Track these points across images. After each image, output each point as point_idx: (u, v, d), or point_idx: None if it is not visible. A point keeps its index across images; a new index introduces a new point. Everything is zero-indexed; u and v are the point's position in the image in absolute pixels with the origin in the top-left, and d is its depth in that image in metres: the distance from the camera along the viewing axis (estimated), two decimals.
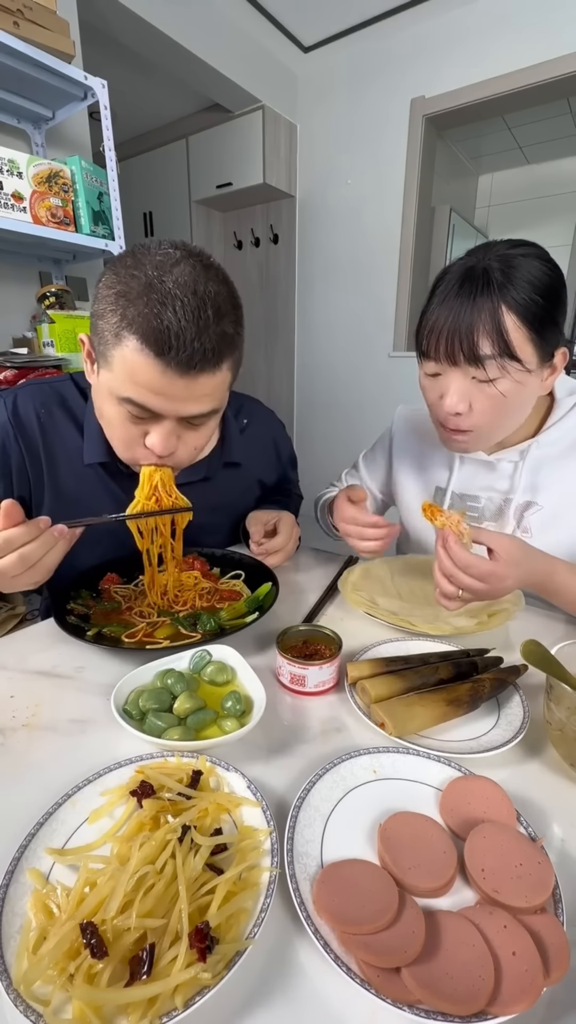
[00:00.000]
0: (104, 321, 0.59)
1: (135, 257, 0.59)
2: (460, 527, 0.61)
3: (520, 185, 3.74)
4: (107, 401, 0.65)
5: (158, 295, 0.56)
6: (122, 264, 0.60)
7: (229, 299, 0.62)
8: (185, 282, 0.57)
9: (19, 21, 1.37)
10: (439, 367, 0.69)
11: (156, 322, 0.56)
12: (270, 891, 0.34)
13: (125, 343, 0.58)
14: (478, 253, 0.67)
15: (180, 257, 0.59)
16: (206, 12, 2.30)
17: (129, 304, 0.57)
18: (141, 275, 0.57)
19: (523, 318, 0.62)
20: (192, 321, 0.57)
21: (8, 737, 0.51)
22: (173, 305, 0.56)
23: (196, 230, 3.28)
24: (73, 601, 0.72)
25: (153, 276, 0.57)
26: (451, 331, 0.64)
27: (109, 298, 0.59)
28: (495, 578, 0.59)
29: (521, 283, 0.62)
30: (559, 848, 0.40)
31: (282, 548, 0.87)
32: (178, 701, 0.52)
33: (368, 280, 2.93)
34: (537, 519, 0.79)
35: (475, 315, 0.63)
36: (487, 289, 0.63)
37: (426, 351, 0.69)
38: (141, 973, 0.29)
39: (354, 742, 0.51)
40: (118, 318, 0.58)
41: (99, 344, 0.62)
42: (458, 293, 0.64)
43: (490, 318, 0.62)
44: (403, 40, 2.51)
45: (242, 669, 0.57)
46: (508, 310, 0.62)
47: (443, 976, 0.30)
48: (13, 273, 1.80)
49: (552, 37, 2.17)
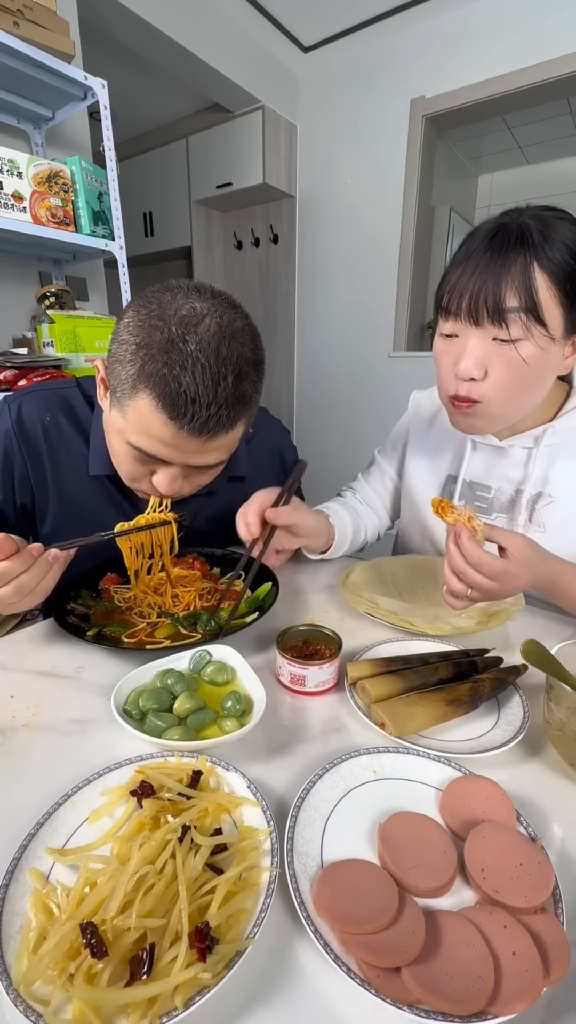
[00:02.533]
0: (121, 367, 0.58)
1: (160, 306, 0.57)
2: (473, 523, 0.59)
3: (520, 185, 3.73)
4: (116, 439, 0.65)
5: (179, 356, 0.55)
6: (146, 310, 0.58)
7: (252, 358, 0.61)
8: (208, 343, 0.56)
9: (19, 21, 1.37)
10: (458, 326, 0.66)
11: (174, 385, 0.55)
12: (270, 891, 0.34)
13: (140, 397, 0.57)
14: (511, 213, 0.65)
15: (206, 312, 0.57)
16: (206, 12, 2.30)
17: (149, 359, 0.56)
18: (164, 330, 0.56)
19: (555, 278, 0.60)
20: (210, 387, 0.56)
21: (8, 737, 0.51)
22: (193, 370, 0.55)
23: (196, 230, 3.28)
24: (73, 601, 0.72)
25: (176, 334, 0.55)
26: (477, 285, 0.61)
27: (129, 345, 0.58)
28: (507, 577, 0.57)
29: (557, 243, 0.60)
30: (559, 848, 0.40)
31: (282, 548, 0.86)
32: (178, 701, 0.52)
33: (368, 280, 2.93)
34: (550, 513, 0.76)
35: (504, 268, 0.60)
36: (520, 243, 0.60)
37: (447, 307, 0.66)
38: (141, 973, 0.29)
39: (354, 742, 0.51)
40: (136, 370, 0.57)
41: (114, 385, 0.61)
42: (488, 247, 0.62)
43: (520, 272, 0.59)
44: (403, 40, 2.51)
45: (242, 669, 0.57)
46: (540, 268, 0.59)
47: (443, 976, 0.30)
48: (13, 273, 1.80)
49: (552, 37, 2.17)
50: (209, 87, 2.60)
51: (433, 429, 0.94)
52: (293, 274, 3.18)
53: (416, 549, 0.98)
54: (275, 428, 1.03)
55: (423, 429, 0.96)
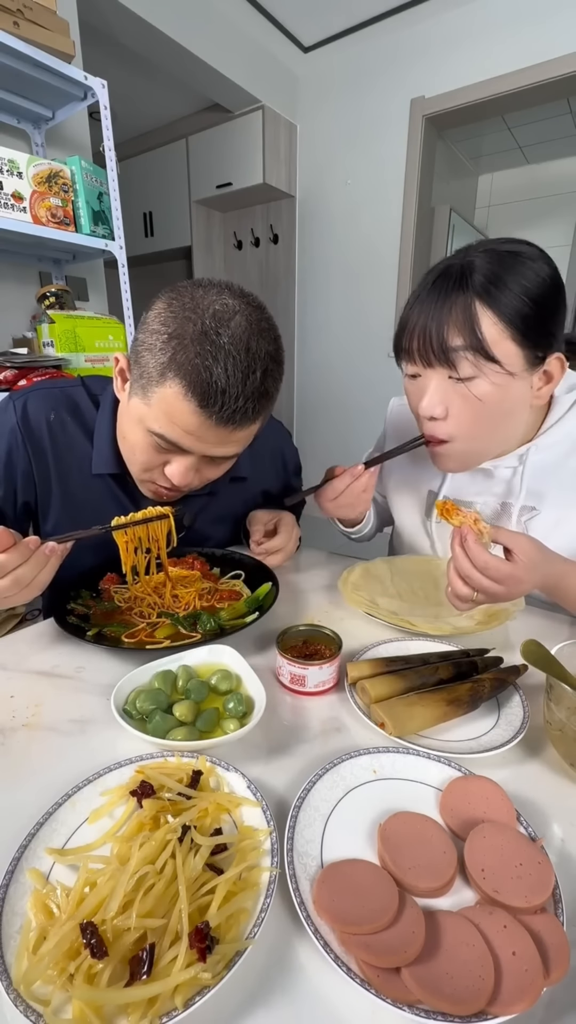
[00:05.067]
0: (150, 354, 0.60)
1: (193, 298, 0.59)
2: (479, 525, 0.58)
3: (520, 185, 3.74)
4: (135, 427, 0.66)
5: (212, 347, 0.57)
6: (179, 302, 0.60)
7: (276, 356, 0.63)
8: (239, 338, 0.58)
9: (19, 21, 1.37)
10: (416, 367, 0.67)
11: (206, 374, 0.57)
12: (270, 891, 0.34)
13: (169, 384, 0.59)
14: (463, 251, 0.65)
15: (237, 309, 0.60)
16: (206, 12, 2.31)
17: (181, 348, 0.57)
18: (198, 321, 0.58)
19: (502, 315, 0.60)
20: (240, 380, 0.58)
21: (8, 737, 0.51)
22: (225, 361, 0.57)
23: (196, 230, 3.28)
24: (73, 601, 0.72)
25: (210, 326, 0.57)
26: (424, 327, 0.63)
27: (160, 334, 0.59)
28: (513, 580, 0.56)
29: (505, 279, 0.60)
30: (559, 848, 0.40)
31: (282, 548, 0.87)
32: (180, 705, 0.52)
33: (368, 280, 2.93)
34: (538, 525, 0.77)
35: (445, 308, 0.61)
36: (460, 284, 0.61)
37: (404, 348, 0.68)
38: (141, 973, 0.29)
39: (354, 742, 0.51)
40: (167, 359, 0.58)
41: (139, 373, 0.62)
42: (432, 288, 0.63)
43: (461, 312, 0.60)
44: (403, 40, 2.51)
45: (242, 669, 0.57)
46: (483, 305, 0.60)
47: (443, 976, 0.30)
48: (13, 273, 1.80)
49: (552, 37, 2.17)
50: (209, 87, 2.60)
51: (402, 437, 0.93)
52: (293, 274, 3.18)
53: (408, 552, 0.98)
54: (277, 430, 1.03)
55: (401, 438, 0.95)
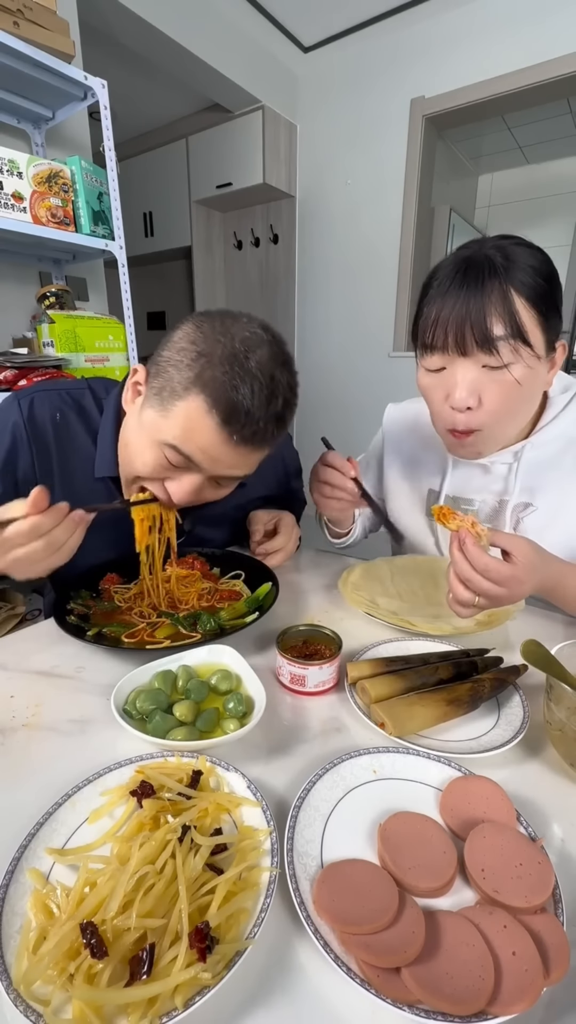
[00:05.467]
0: (175, 370, 0.61)
1: (224, 324, 0.62)
2: (477, 528, 0.58)
3: (520, 185, 3.74)
4: (146, 440, 0.66)
5: (240, 369, 0.59)
6: (209, 325, 0.62)
7: (294, 389, 0.66)
8: (265, 365, 0.60)
9: (19, 21, 1.37)
10: (445, 359, 0.67)
11: (232, 393, 0.58)
12: (270, 891, 0.34)
13: (193, 399, 0.60)
14: (472, 246, 0.66)
15: (264, 340, 0.62)
16: (206, 12, 2.30)
17: (209, 366, 0.59)
18: (228, 344, 0.60)
19: (530, 300, 0.62)
20: (263, 404, 0.60)
21: (8, 737, 0.51)
22: (252, 384, 0.59)
23: (196, 230, 3.28)
24: (73, 601, 0.72)
25: (240, 349, 0.60)
26: (460, 318, 0.63)
27: (188, 352, 0.60)
28: (514, 582, 0.56)
29: (523, 267, 0.62)
30: (559, 848, 0.40)
31: (282, 548, 0.87)
32: (179, 702, 0.52)
33: (368, 280, 2.93)
34: (533, 521, 0.78)
35: (485, 298, 0.62)
36: (494, 273, 0.62)
37: (431, 343, 0.67)
38: (141, 973, 0.29)
39: (354, 742, 0.51)
40: (194, 374, 0.59)
41: (159, 387, 0.63)
42: (463, 282, 0.63)
43: (500, 300, 0.61)
44: (403, 40, 2.51)
45: (242, 669, 0.57)
46: (517, 292, 0.62)
47: (443, 976, 0.30)
48: (13, 273, 1.80)
49: (552, 37, 2.17)
50: (209, 87, 2.60)
51: (409, 445, 0.94)
52: (293, 274, 3.18)
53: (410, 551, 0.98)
54: None
55: (399, 445, 0.97)
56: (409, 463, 0.94)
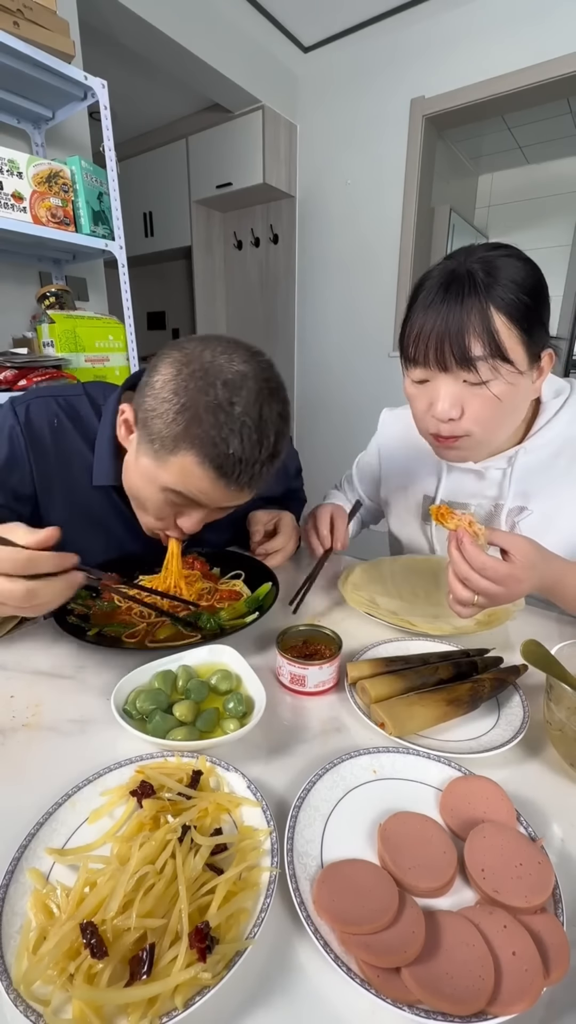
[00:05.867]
0: (162, 423, 0.59)
1: (202, 365, 0.58)
2: (475, 527, 0.58)
3: (520, 185, 3.73)
4: (146, 484, 0.65)
5: (227, 419, 0.57)
6: (188, 369, 0.58)
7: (284, 415, 0.63)
8: (252, 405, 0.58)
9: (19, 21, 1.37)
10: (427, 373, 0.68)
11: (223, 446, 0.57)
12: (270, 891, 0.34)
13: (184, 455, 0.59)
14: (458, 256, 0.66)
15: (248, 374, 0.59)
16: (206, 12, 2.30)
17: (195, 421, 0.57)
18: (212, 393, 0.57)
19: (511, 318, 0.62)
20: (255, 448, 0.59)
21: (8, 737, 0.51)
22: (241, 432, 0.57)
23: (196, 230, 3.28)
24: (73, 601, 0.72)
25: (223, 398, 0.57)
26: (440, 335, 0.63)
27: (171, 403, 0.58)
28: (513, 580, 0.56)
29: (506, 283, 0.62)
30: (559, 848, 0.40)
31: (282, 548, 0.87)
32: (179, 702, 0.52)
33: (368, 280, 2.93)
34: (528, 526, 0.78)
35: (464, 317, 0.62)
36: (474, 290, 0.62)
37: (414, 357, 0.68)
38: (141, 973, 0.29)
39: (354, 742, 0.51)
40: (181, 429, 0.58)
41: (148, 437, 0.61)
42: (444, 297, 0.63)
43: (479, 319, 0.61)
44: (403, 40, 2.51)
45: (242, 669, 0.57)
46: (496, 310, 0.61)
47: (443, 976, 0.30)
48: (13, 273, 1.80)
49: (552, 37, 2.17)
50: (209, 87, 2.60)
51: (404, 453, 0.95)
52: (293, 274, 3.18)
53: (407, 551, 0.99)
54: None
55: (393, 453, 0.98)
56: (404, 471, 0.95)
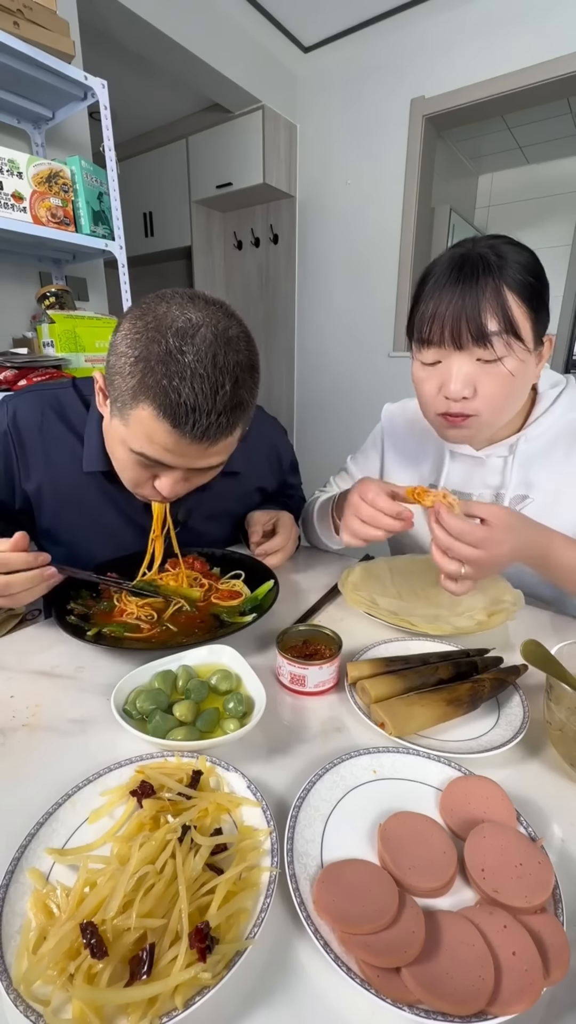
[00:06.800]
0: (121, 379, 0.59)
1: (156, 318, 0.58)
2: (449, 499, 0.61)
3: (520, 185, 3.73)
4: (118, 446, 0.66)
5: (177, 367, 0.56)
6: (142, 322, 0.59)
7: (248, 364, 0.62)
8: (204, 353, 0.57)
9: (19, 21, 1.37)
10: (440, 353, 0.69)
11: (174, 395, 0.56)
12: (270, 891, 0.34)
13: (141, 407, 0.59)
14: (465, 244, 0.69)
15: (201, 322, 0.58)
16: (206, 12, 2.30)
17: (148, 372, 0.57)
18: (162, 343, 0.57)
19: (522, 296, 0.65)
20: (209, 396, 0.57)
21: (8, 737, 0.51)
22: (192, 381, 0.56)
23: (196, 230, 3.27)
24: (73, 601, 0.72)
25: (173, 346, 0.56)
26: (456, 314, 0.65)
27: (127, 357, 0.58)
28: (492, 543, 0.59)
29: (514, 264, 0.65)
30: (559, 848, 0.40)
31: (282, 548, 0.86)
32: (179, 702, 0.52)
33: (368, 280, 2.92)
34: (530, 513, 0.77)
35: (479, 295, 0.64)
36: (487, 271, 0.64)
37: (428, 338, 0.69)
38: (141, 973, 0.29)
39: (354, 742, 0.51)
40: (136, 382, 0.58)
41: (114, 396, 0.62)
42: (458, 278, 0.66)
43: (494, 296, 0.64)
44: (403, 40, 2.51)
45: (242, 669, 0.57)
46: (509, 289, 0.64)
47: (443, 976, 0.30)
48: (13, 273, 1.80)
49: (552, 37, 2.16)
50: (209, 87, 2.60)
51: (408, 441, 0.96)
52: (293, 274, 3.18)
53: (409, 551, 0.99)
54: (270, 425, 1.03)
55: (398, 442, 0.98)
56: (408, 460, 0.96)
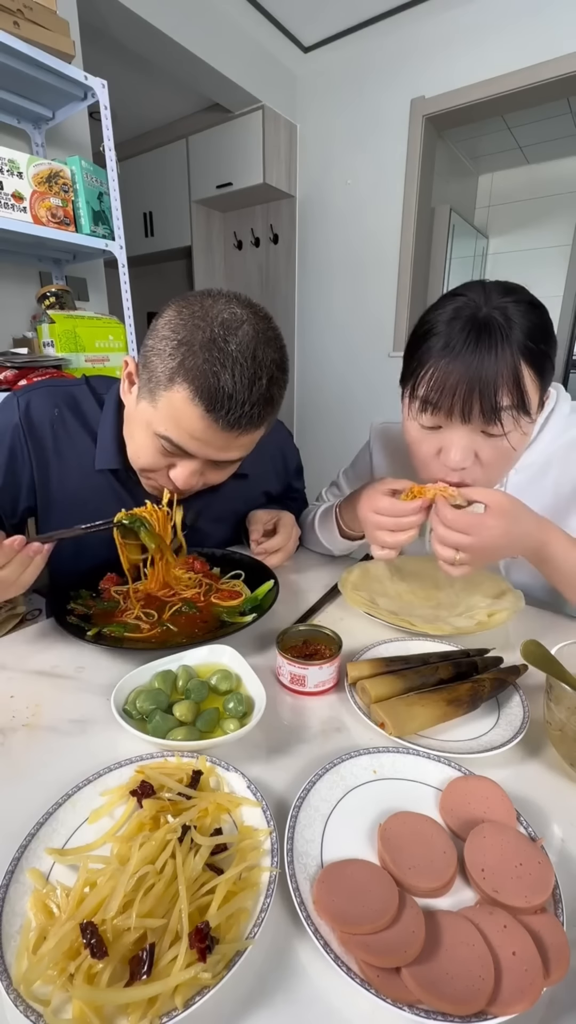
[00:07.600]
0: (159, 359, 0.61)
1: (203, 307, 0.61)
2: (448, 491, 0.62)
3: (520, 185, 3.73)
4: (141, 430, 0.67)
5: (220, 354, 0.59)
6: (188, 310, 0.61)
7: (281, 364, 0.65)
8: (246, 346, 0.60)
9: (19, 21, 1.37)
10: (442, 420, 0.65)
11: (213, 380, 0.58)
12: (270, 891, 0.34)
13: (177, 389, 0.60)
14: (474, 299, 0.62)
15: (245, 318, 0.61)
16: (206, 12, 2.30)
17: (190, 355, 0.59)
18: (207, 329, 0.59)
19: (534, 368, 0.61)
20: (246, 386, 0.60)
21: (8, 737, 0.51)
22: (233, 368, 0.59)
23: (196, 230, 3.27)
24: (73, 601, 0.72)
25: (218, 334, 0.59)
26: (470, 386, 0.60)
27: (169, 340, 0.61)
28: (481, 528, 0.59)
29: (526, 331, 0.60)
30: (559, 848, 0.40)
31: (282, 548, 0.87)
32: (179, 702, 0.52)
33: (368, 280, 2.92)
34: None
35: (497, 368, 0.59)
36: (504, 341, 0.59)
37: (436, 404, 0.63)
38: (141, 973, 0.29)
39: (354, 742, 0.51)
40: (176, 364, 0.60)
41: (147, 377, 0.64)
42: (475, 347, 0.60)
43: (510, 371, 0.59)
44: (403, 40, 2.51)
45: (242, 669, 0.57)
46: (523, 360, 0.60)
47: (443, 976, 0.30)
48: (13, 273, 1.80)
49: (552, 37, 2.16)
50: (209, 87, 2.60)
51: (397, 467, 0.95)
52: (293, 274, 3.18)
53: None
54: (278, 429, 1.03)
55: (389, 466, 0.97)
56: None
